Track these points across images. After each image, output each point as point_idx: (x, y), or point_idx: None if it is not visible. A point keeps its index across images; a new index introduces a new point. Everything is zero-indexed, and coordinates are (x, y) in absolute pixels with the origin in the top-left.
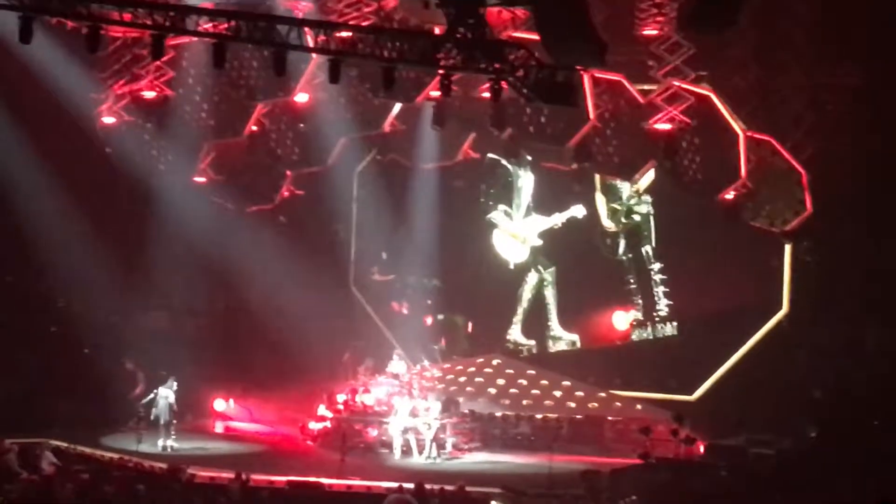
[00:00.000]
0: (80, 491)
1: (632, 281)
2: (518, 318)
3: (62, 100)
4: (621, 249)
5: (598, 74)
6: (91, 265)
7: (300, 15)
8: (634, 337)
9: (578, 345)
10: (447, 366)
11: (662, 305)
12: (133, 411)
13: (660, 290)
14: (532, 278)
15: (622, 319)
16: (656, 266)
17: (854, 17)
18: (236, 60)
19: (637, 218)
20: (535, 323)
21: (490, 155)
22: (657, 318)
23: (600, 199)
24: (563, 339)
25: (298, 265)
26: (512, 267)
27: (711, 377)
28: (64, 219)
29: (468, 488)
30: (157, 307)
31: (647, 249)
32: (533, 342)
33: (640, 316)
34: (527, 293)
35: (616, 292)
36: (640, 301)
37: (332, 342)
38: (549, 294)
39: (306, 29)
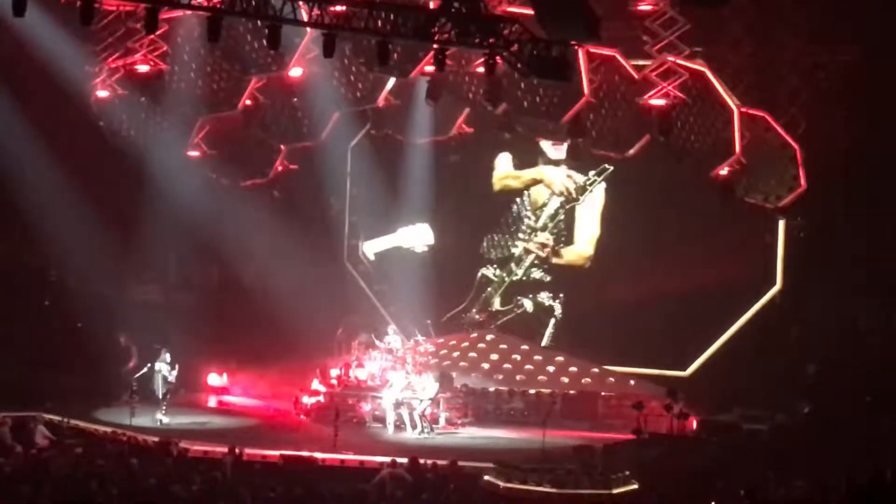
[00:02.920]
0: (74, 464)
1: None
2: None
3: (56, 73)
4: None
5: (592, 50)
6: (84, 238)
7: None
8: None
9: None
10: (441, 340)
11: None
12: (126, 385)
13: None
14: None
15: None
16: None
17: None
18: (230, 34)
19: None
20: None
21: None
22: None
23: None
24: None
25: (292, 239)
26: None
27: (705, 353)
28: (57, 192)
29: (461, 463)
30: (151, 281)
31: None
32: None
33: None
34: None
35: None
36: None
37: (326, 317)
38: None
39: (300, 3)
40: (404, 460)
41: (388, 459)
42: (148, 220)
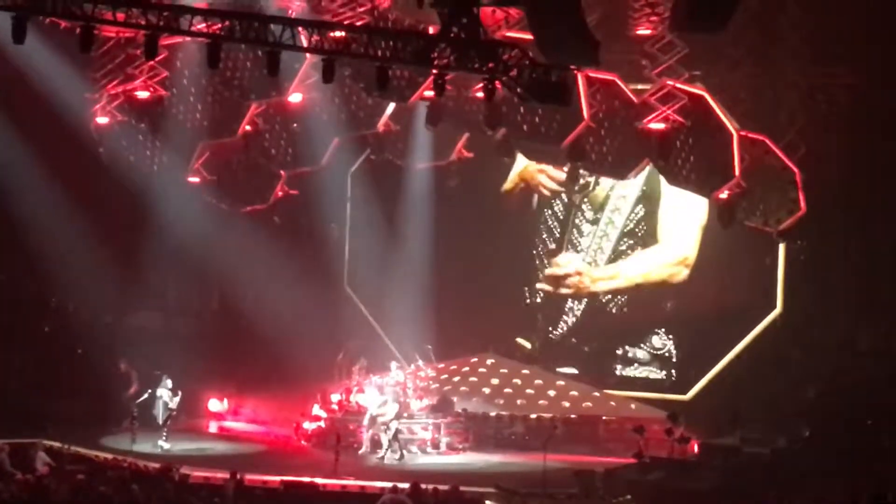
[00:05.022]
0: (75, 491)
1: None
2: None
3: (55, 99)
4: None
5: (591, 74)
6: (84, 264)
7: (294, 15)
8: None
9: None
10: (441, 365)
11: None
12: (127, 411)
13: None
14: None
15: None
16: None
17: (848, 16)
18: (230, 60)
19: None
20: None
21: None
22: None
23: None
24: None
25: (292, 265)
26: None
27: (706, 376)
28: (57, 218)
29: (462, 488)
30: (151, 307)
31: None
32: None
33: None
34: None
35: None
36: None
37: (326, 341)
38: None
39: (300, 28)
40: (406, 485)
41: (389, 485)
42: (148, 246)
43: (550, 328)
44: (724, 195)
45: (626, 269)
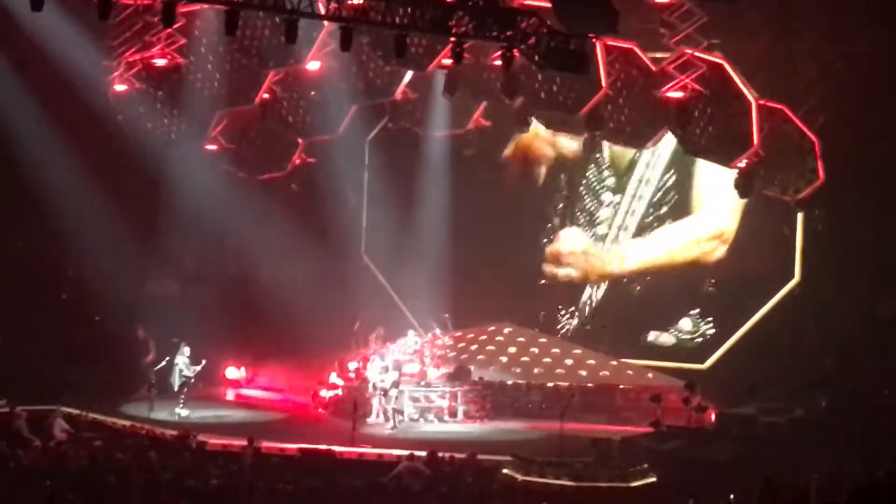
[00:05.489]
0: (93, 458)
1: None
2: None
3: (73, 68)
4: None
5: (610, 42)
6: (102, 232)
7: None
8: None
9: None
10: (458, 334)
11: None
12: (145, 378)
13: None
14: None
15: None
16: None
17: None
18: (248, 28)
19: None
20: None
21: None
22: None
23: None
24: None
25: (310, 233)
26: None
27: (723, 346)
28: (75, 186)
29: (479, 456)
30: (168, 275)
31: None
32: None
33: None
34: None
35: None
36: None
37: (343, 310)
38: None
39: None
40: (423, 454)
41: (406, 453)
42: (165, 214)
43: (564, 311)
44: (742, 164)
45: (650, 247)
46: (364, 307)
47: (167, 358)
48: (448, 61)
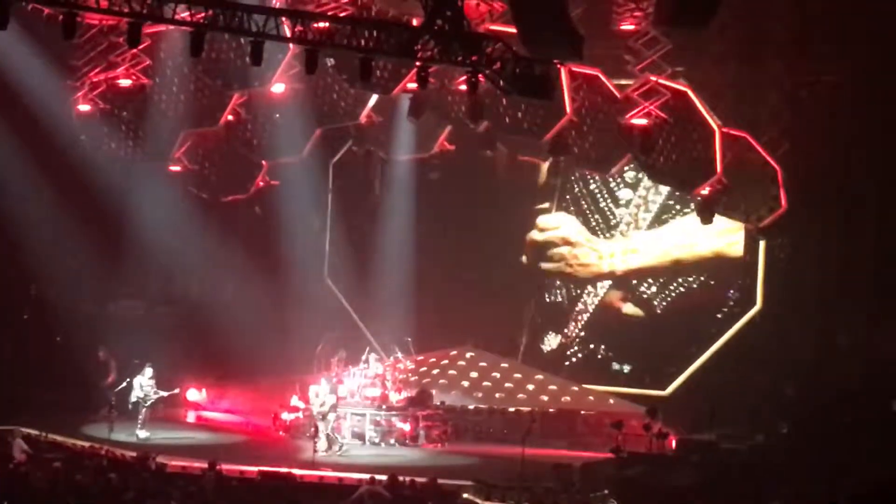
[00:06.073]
0: (52, 479)
1: None
2: None
3: (37, 87)
4: None
5: (575, 68)
6: (65, 253)
7: (278, 4)
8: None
9: None
10: (420, 358)
11: None
12: (105, 399)
13: None
14: None
15: None
16: None
17: (834, 14)
18: (213, 50)
19: None
20: None
21: None
22: None
23: None
24: None
25: (273, 255)
26: None
27: (685, 372)
28: (37, 206)
29: (440, 481)
30: (131, 296)
31: None
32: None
33: None
34: None
35: None
36: None
37: (306, 333)
38: None
39: (284, 18)
40: (383, 477)
41: (367, 476)
42: (128, 235)
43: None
44: (705, 191)
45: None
46: (326, 330)
47: (128, 379)
48: (413, 85)
